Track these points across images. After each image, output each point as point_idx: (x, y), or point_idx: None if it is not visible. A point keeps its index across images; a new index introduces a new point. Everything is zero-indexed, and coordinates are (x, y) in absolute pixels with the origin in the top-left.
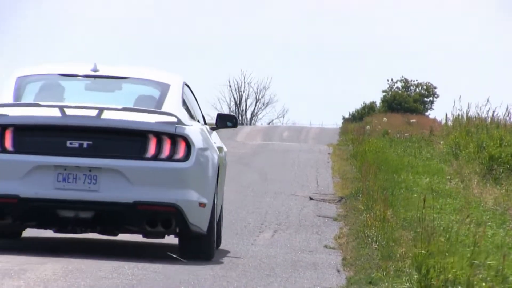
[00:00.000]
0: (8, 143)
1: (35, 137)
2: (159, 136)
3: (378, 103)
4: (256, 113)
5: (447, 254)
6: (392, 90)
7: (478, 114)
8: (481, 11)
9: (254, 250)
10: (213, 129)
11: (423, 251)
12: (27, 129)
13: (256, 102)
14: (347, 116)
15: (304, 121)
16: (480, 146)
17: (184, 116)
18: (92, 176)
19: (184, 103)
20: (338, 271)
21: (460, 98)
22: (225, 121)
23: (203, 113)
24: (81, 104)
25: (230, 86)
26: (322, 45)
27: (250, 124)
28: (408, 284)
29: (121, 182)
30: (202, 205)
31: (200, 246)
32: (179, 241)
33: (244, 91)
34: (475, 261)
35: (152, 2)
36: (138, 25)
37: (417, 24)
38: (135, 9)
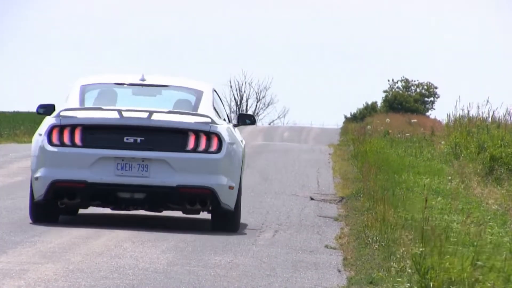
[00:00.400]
0: (77, 139)
1: (99, 134)
2: (197, 133)
3: (379, 103)
4: (257, 113)
5: (447, 254)
6: (393, 90)
7: (478, 114)
8: (482, 11)
9: (255, 250)
10: (235, 126)
11: (423, 251)
12: (92, 128)
13: (257, 102)
14: (348, 115)
15: (305, 121)
16: (481, 147)
17: (215, 116)
18: (144, 165)
19: (214, 106)
20: (339, 271)
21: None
22: (244, 119)
23: (227, 113)
24: (135, 108)
25: (231, 86)
26: (323, 45)
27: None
28: (408, 284)
29: (167, 169)
30: (231, 188)
31: (228, 221)
32: (212, 216)
33: (245, 91)
34: (478, 262)
35: (152, 2)
36: (138, 25)
37: (418, 24)
38: (135, 9)
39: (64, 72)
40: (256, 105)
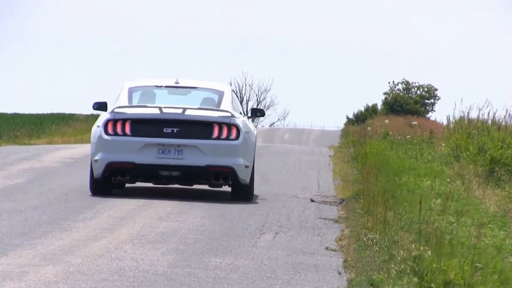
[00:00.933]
0: (127, 130)
1: (144, 126)
2: (220, 124)
3: (379, 105)
4: None
5: (446, 256)
6: (394, 92)
7: (479, 116)
8: (482, 13)
9: (255, 252)
10: (248, 118)
11: (422, 253)
12: (139, 121)
13: (257, 104)
14: (349, 118)
15: (305, 123)
16: (481, 148)
17: (233, 111)
18: (179, 149)
19: (232, 103)
20: (339, 273)
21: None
22: (256, 113)
23: (242, 108)
24: (171, 105)
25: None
26: (323, 47)
27: None
28: (408, 287)
29: (197, 153)
30: (246, 167)
31: (245, 192)
32: (232, 189)
33: (245, 93)
34: (478, 264)
35: (153, 2)
36: (138, 25)
37: (418, 26)
38: (135, 9)
39: (63, 72)
40: (257, 107)
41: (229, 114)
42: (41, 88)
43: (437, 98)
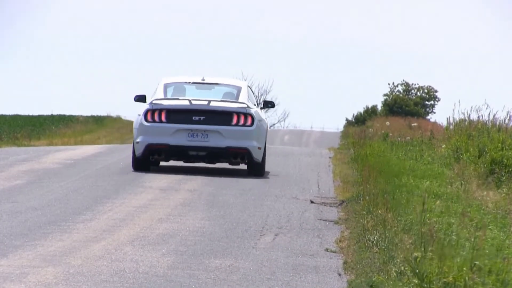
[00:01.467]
0: (163, 118)
1: (176, 115)
2: (238, 114)
3: (379, 107)
4: None
5: (446, 257)
6: (393, 94)
7: (479, 117)
8: (482, 14)
9: (255, 253)
10: (261, 109)
11: (421, 255)
12: (172, 111)
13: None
14: (349, 119)
15: (305, 124)
16: (481, 150)
17: (249, 103)
18: (205, 134)
19: (248, 96)
20: (339, 274)
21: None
22: (267, 104)
23: (256, 100)
24: (198, 98)
25: None
26: (323, 48)
27: None
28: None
29: (220, 137)
30: (259, 148)
31: (258, 169)
32: (248, 166)
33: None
34: (476, 262)
35: (152, 3)
36: (138, 25)
37: (418, 27)
38: (136, 9)
39: (63, 74)
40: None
41: (245, 105)
42: (41, 89)
43: (437, 99)
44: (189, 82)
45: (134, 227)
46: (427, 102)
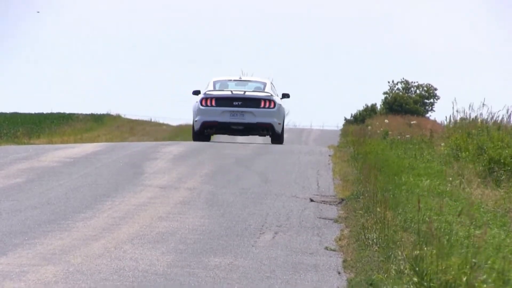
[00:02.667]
0: (213, 103)
1: (222, 101)
2: (265, 100)
3: (379, 105)
4: None
5: (447, 256)
6: (393, 92)
7: (478, 116)
8: (481, 12)
9: (254, 252)
10: (281, 98)
11: (421, 253)
12: (219, 98)
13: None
14: (348, 117)
15: (305, 122)
16: (480, 148)
17: (272, 93)
18: (242, 114)
19: (272, 89)
20: (339, 273)
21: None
22: (284, 95)
23: (276, 92)
24: (237, 90)
25: None
26: (322, 47)
27: None
28: (407, 286)
29: (252, 116)
30: (279, 124)
31: (278, 139)
32: (271, 137)
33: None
34: (475, 260)
35: (152, 2)
36: (138, 24)
37: (417, 25)
38: (136, 8)
39: (63, 72)
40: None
41: (269, 94)
42: (41, 87)
43: (436, 97)
44: (230, 80)
45: (133, 226)
46: (426, 100)
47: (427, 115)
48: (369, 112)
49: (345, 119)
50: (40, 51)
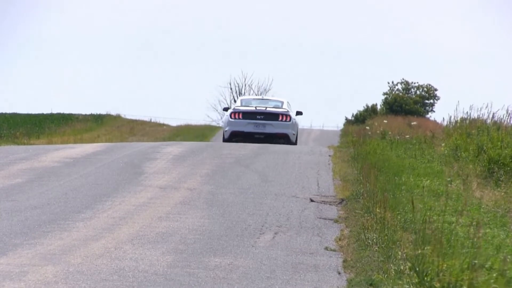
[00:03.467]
0: (240, 116)
1: (248, 115)
2: (282, 115)
3: (379, 106)
4: None
5: (447, 256)
6: (393, 93)
7: (478, 116)
8: (482, 13)
9: (254, 252)
10: (296, 115)
11: (421, 253)
12: (245, 113)
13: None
14: (349, 118)
15: (305, 123)
16: (480, 149)
17: (288, 109)
18: (264, 125)
19: (288, 106)
20: (339, 273)
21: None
22: (298, 112)
23: (291, 109)
24: (260, 106)
25: (231, 88)
26: (322, 47)
27: None
28: (407, 286)
29: (272, 127)
30: (294, 134)
31: (293, 144)
32: (286, 145)
33: (244, 93)
34: (475, 261)
35: (152, 2)
36: (138, 24)
37: (417, 26)
38: (135, 9)
39: (63, 72)
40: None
41: (286, 110)
42: (41, 88)
43: (436, 98)
44: (255, 98)
45: (133, 226)
46: (426, 101)
47: (428, 115)
48: (369, 112)
49: (346, 119)
50: (40, 52)
